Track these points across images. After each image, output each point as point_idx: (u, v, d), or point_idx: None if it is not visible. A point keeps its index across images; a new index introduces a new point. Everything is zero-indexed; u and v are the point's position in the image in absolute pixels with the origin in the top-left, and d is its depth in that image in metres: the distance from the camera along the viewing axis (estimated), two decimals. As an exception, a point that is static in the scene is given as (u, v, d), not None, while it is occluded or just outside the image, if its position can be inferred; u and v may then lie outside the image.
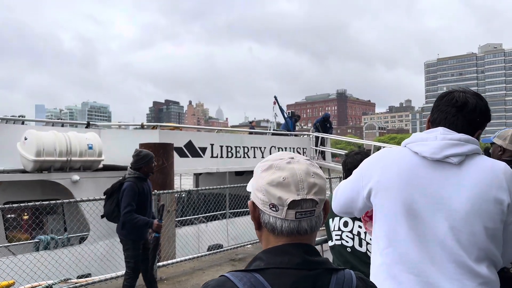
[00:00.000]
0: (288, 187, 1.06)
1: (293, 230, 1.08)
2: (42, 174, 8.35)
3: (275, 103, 18.31)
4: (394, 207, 1.61)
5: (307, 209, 1.07)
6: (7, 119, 9.74)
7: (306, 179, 1.07)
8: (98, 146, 8.93)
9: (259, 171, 1.13)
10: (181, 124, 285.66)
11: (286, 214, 1.06)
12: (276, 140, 14.49)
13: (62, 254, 7.34)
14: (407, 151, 1.69)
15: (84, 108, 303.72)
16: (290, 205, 1.05)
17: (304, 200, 1.06)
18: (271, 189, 1.07)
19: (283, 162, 1.11)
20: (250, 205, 1.14)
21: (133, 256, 5.50)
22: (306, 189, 1.07)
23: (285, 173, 1.08)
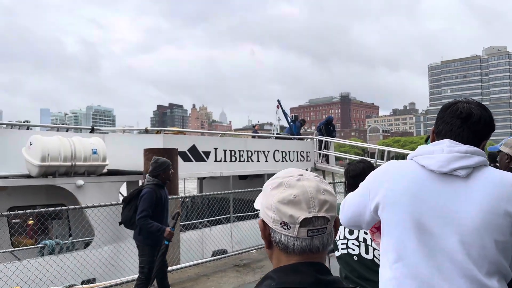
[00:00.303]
0: (299, 204, 1.05)
1: (305, 249, 1.07)
2: (47, 179, 8.39)
3: (278, 107, 18.31)
4: (403, 221, 1.61)
5: (319, 226, 1.06)
6: (12, 124, 9.80)
7: (317, 196, 1.07)
8: (102, 151, 8.96)
9: (268, 189, 1.12)
10: (185, 127, 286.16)
11: (298, 232, 1.05)
12: (279, 144, 14.48)
13: (66, 259, 7.35)
14: (414, 164, 1.69)
15: (88, 112, 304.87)
16: (302, 223, 1.05)
17: (316, 218, 1.05)
18: (282, 207, 1.06)
19: (293, 179, 1.10)
20: (260, 224, 1.13)
21: (148, 262, 5.57)
22: (318, 206, 1.06)
23: (296, 191, 1.07)
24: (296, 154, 14.76)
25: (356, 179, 2.83)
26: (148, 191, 5.45)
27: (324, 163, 15.87)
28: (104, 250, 8.27)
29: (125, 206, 5.72)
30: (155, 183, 5.58)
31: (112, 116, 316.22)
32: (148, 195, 5.41)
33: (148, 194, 5.41)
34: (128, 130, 14.05)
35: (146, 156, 8.84)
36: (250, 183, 13.95)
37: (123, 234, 9.05)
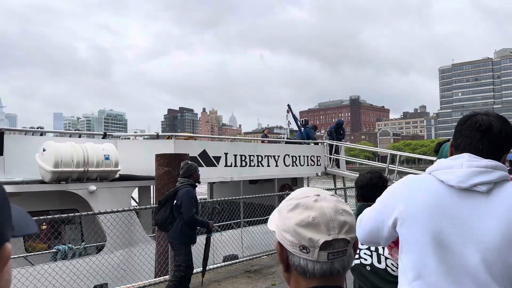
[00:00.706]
0: (318, 227, 1.02)
1: (325, 272, 1.03)
2: (60, 184, 8.48)
3: (288, 111, 18.27)
4: (422, 238, 1.57)
5: (340, 249, 1.03)
6: (26, 130, 9.93)
7: (336, 218, 1.03)
8: (114, 156, 9.04)
9: (284, 211, 1.08)
10: (195, 131, 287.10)
11: (318, 256, 1.02)
12: (290, 149, 14.47)
13: (79, 265, 7.41)
14: (432, 179, 1.64)
15: (100, 116, 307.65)
16: (322, 246, 1.01)
17: (336, 240, 1.02)
18: (300, 230, 1.02)
19: (310, 200, 1.06)
20: (277, 247, 1.09)
21: (185, 260, 5.86)
22: (337, 228, 1.02)
23: (314, 212, 1.03)
24: (306, 159, 14.73)
25: (364, 189, 2.84)
26: (188, 190, 5.83)
27: (334, 167, 15.81)
28: (116, 255, 8.32)
29: (161, 207, 5.95)
30: (189, 183, 5.96)
31: (124, 120, 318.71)
32: (189, 194, 5.79)
33: (189, 193, 5.80)
34: (140, 136, 14.11)
35: (158, 161, 8.90)
36: (261, 187, 13.94)
37: (134, 239, 9.11)
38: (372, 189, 2.77)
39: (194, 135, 15.83)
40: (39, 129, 10.06)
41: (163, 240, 7.96)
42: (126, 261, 8.53)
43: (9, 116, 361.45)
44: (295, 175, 14.65)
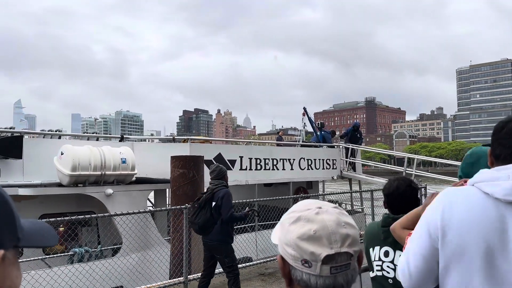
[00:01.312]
0: (320, 240, 0.99)
1: (328, 286, 1.00)
2: (77, 187, 8.59)
3: (304, 114, 18.22)
4: (467, 253, 1.48)
5: (342, 263, 1.00)
6: (45, 133, 10.09)
7: (338, 231, 1.01)
8: (131, 160, 9.12)
9: (286, 224, 1.06)
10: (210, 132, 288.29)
11: (320, 270, 0.99)
12: (305, 152, 14.42)
13: (95, 267, 7.49)
14: (476, 192, 1.55)
15: (117, 117, 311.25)
16: (324, 260, 0.98)
17: (339, 254, 0.99)
18: (302, 243, 1.00)
19: (312, 213, 1.04)
20: (279, 260, 1.07)
21: (234, 259, 6.02)
22: (340, 241, 1.00)
23: (316, 226, 1.01)
24: (322, 162, 14.66)
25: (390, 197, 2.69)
26: (226, 191, 5.93)
27: (350, 171, 15.70)
28: (132, 257, 8.40)
29: (200, 210, 5.97)
30: (224, 184, 6.08)
31: (140, 121, 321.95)
32: (228, 194, 5.90)
33: (228, 193, 5.91)
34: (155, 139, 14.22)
35: (173, 163, 8.96)
36: (275, 190, 13.93)
37: (150, 242, 9.19)
38: (399, 198, 2.64)
39: (209, 138, 15.90)
40: (57, 132, 10.21)
41: (178, 242, 8.00)
42: (142, 263, 8.60)
43: (29, 117, 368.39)
44: (310, 178, 14.60)
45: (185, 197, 8.63)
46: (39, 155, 8.81)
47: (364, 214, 14.95)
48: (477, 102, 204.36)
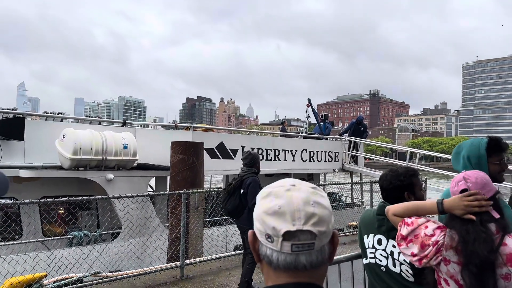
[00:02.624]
0: (283, 216, 0.97)
1: (290, 265, 0.98)
2: (78, 171, 8.58)
3: (308, 105, 18.12)
4: None
5: (305, 241, 0.97)
6: (47, 116, 10.06)
7: (303, 208, 0.98)
8: (133, 145, 9.10)
9: (258, 199, 1.05)
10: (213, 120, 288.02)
11: (281, 246, 0.97)
12: (308, 144, 14.37)
13: (95, 251, 7.52)
14: None
15: (120, 103, 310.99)
16: (284, 236, 0.96)
17: (301, 232, 0.96)
18: (266, 218, 0.99)
19: (282, 189, 1.02)
20: (250, 235, 1.05)
21: None
22: (303, 219, 0.96)
23: (282, 201, 0.99)
24: (324, 154, 14.62)
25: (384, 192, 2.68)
26: (253, 179, 6.12)
27: (352, 164, 15.66)
28: (131, 242, 8.43)
29: (230, 197, 6.25)
30: (254, 171, 6.26)
31: (143, 107, 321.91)
32: (255, 182, 6.07)
33: (255, 181, 6.08)
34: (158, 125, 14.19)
35: (173, 149, 8.95)
36: (276, 180, 13.90)
37: (150, 228, 9.21)
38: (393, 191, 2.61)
39: (212, 126, 15.87)
40: (59, 114, 10.18)
41: (176, 227, 8.02)
42: (141, 248, 8.63)
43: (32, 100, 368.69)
44: (311, 170, 14.58)
45: (184, 182, 8.64)
46: (41, 137, 8.79)
47: (364, 207, 14.95)
48: (482, 98, 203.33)
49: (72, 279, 6.14)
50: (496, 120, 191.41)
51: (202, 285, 6.62)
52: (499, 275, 1.75)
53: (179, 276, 6.91)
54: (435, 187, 14.39)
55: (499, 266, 1.76)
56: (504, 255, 1.77)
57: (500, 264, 1.76)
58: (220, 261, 7.90)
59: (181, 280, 6.79)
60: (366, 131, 17.20)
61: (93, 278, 6.31)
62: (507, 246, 1.79)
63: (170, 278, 6.86)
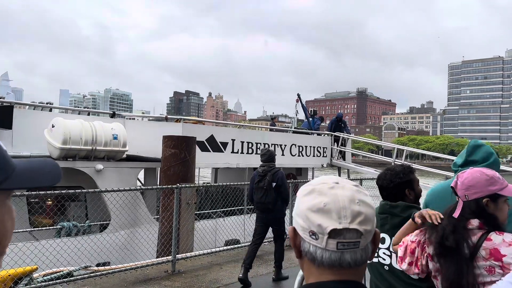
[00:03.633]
0: (329, 214, 0.98)
1: (334, 262, 0.98)
2: (67, 161, 8.50)
3: (298, 100, 18.15)
4: None
5: (351, 240, 0.97)
6: (35, 105, 9.93)
7: (349, 207, 0.98)
8: (123, 136, 9.04)
9: (300, 196, 1.05)
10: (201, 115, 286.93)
11: (326, 244, 0.97)
12: (297, 138, 14.43)
13: (84, 242, 7.46)
14: None
15: (106, 95, 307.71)
16: (330, 234, 0.96)
17: (347, 230, 0.96)
18: (311, 215, 0.99)
19: (326, 186, 1.03)
20: (290, 231, 1.06)
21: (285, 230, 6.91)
22: (350, 217, 0.97)
23: (327, 199, 0.99)
24: (313, 150, 14.69)
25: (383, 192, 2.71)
26: (282, 172, 6.81)
27: (340, 160, 15.78)
28: (120, 234, 8.38)
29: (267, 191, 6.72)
30: (275, 166, 6.88)
31: (129, 100, 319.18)
32: (284, 175, 6.80)
33: (284, 174, 6.82)
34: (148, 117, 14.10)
35: (165, 143, 8.91)
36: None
37: (139, 220, 9.17)
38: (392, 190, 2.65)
39: (202, 119, 15.82)
40: (48, 104, 10.06)
41: (167, 221, 8.00)
42: (130, 240, 8.59)
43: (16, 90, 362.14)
44: (300, 165, 14.64)
45: (175, 177, 8.60)
46: (29, 126, 8.67)
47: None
48: (467, 98, 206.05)
49: (62, 272, 6.09)
50: (481, 120, 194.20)
51: (194, 280, 6.63)
52: (483, 268, 1.85)
53: (170, 271, 6.91)
54: (421, 184, 14.57)
55: (482, 259, 1.86)
56: (488, 249, 1.86)
57: (484, 257, 1.86)
58: (211, 256, 7.92)
59: (172, 275, 6.79)
60: (347, 127, 17.39)
61: (84, 272, 6.27)
62: (491, 241, 1.88)
63: (161, 273, 6.85)
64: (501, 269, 1.82)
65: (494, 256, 1.85)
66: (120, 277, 6.48)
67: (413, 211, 2.50)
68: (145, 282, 6.38)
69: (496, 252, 1.85)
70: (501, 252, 1.84)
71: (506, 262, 1.82)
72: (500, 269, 1.83)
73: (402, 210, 2.54)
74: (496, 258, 1.84)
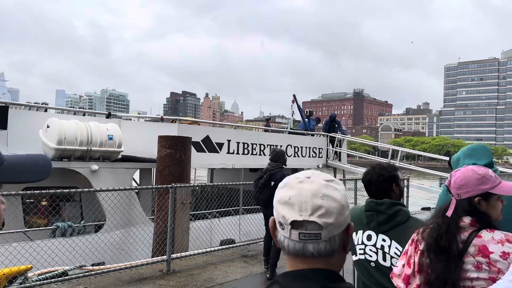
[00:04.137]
0: (292, 206, 1.04)
1: (298, 252, 1.05)
2: (62, 162, 8.50)
3: (293, 101, 18.18)
4: None
5: (312, 231, 1.02)
6: (30, 105, 9.94)
7: (311, 200, 1.04)
8: (118, 137, 9.05)
9: (277, 189, 1.13)
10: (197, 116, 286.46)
11: (290, 234, 1.04)
12: (292, 139, 14.47)
13: (79, 241, 7.48)
14: None
15: (103, 96, 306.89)
16: (293, 225, 1.03)
17: (307, 222, 1.02)
18: (279, 207, 1.07)
19: (296, 181, 1.09)
20: (270, 221, 1.13)
21: None
22: (310, 210, 1.02)
23: (293, 192, 1.06)
24: (308, 150, 14.74)
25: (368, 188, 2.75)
26: (283, 173, 6.95)
27: (336, 160, 15.83)
28: (115, 234, 8.39)
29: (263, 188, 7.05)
30: (281, 166, 7.15)
31: (126, 101, 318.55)
32: (283, 175, 6.63)
33: (283, 174, 6.75)
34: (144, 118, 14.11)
35: (160, 143, 8.92)
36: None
37: (134, 220, 9.18)
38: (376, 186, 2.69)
39: (198, 120, 15.84)
40: (43, 105, 10.06)
41: (162, 221, 8.02)
42: (125, 240, 8.60)
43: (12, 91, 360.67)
44: (296, 166, 14.67)
45: (171, 177, 8.62)
46: (24, 127, 8.67)
47: (348, 203, 15.11)
48: (463, 99, 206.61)
49: (57, 272, 6.10)
50: (476, 121, 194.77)
51: (188, 279, 6.64)
52: (471, 264, 1.87)
53: (165, 270, 6.92)
54: (416, 185, 14.67)
55: (471, 255, 1.88)
56: (477, 245, 1.89)
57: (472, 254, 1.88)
58: (206, 256, 7.94)
59: (167, 274, 6.80)
60: (341, 127, 17.45)
61: (78, 271, 6.28)
62: (481, 238, 1.90)
63: (156, 272, 6.86)
64: (488, 266, 1.85)
65: (482, 253, 1.87)
66: (115, 276, 6.50)
67: (398, 208, 2.56)
68: (140, 281, 6.40)
69: (484, 249, 1.88)
70: (489, 249, 1.87)
71: (493, 259, 1.84)
72: (487, 266, 1.85)
73: (388, 207, 2.57)
74: (484, 255, 1.86)
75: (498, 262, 1.84)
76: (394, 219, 2.54)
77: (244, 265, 7.61)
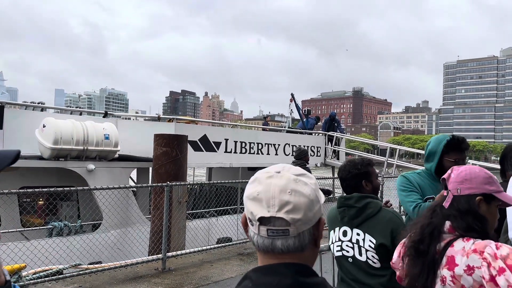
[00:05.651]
0: (260, 202, 1.02)
1: (267, 248, 1.03)
2: (59, 161, 8.48)
3: (291, 100, 18.18)
4: None
5: (279, 227, 1.01)
6: (27, 105, 9.92)
7: (278, 196, 1.01)
8: (114, 136, 9.03)
9: (248, 184, 1.11)
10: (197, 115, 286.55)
11: (259, 230, 1.03)
12: (290, 138, 14.46)
13: (74, 241, 7.46)
14: None
15: (102, 95, 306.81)
16: (260, 221, 1.01)
17: (275, 218, 1.00)
18: (247, 202, 1.05)
19: (265, 176, 1.06)
20: (242, 217, 1.10)
21: None
22: (277, 206, 1.00)
23: (261, 188, 1.04)
24: (306, 149, 14.72)
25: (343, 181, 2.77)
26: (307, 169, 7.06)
27: (334, 159, 15.83)
28: (112, 233, 8.37)
29: None
30: (303, 163, 7.51)
31: (125, 100, 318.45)
32: None
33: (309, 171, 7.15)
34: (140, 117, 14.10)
35: (156, 141, 8.90)
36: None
37: (131, 219, 9.17)
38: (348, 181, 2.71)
39: (195, 119, 15.82)
40: (40, 104, 10.04)
41: (158, 220, 8.00)
42: (122, 240, 8.58)
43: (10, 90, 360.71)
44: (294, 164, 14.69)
45: (167, 175, 8.59)
46: (20, 126, 8.65)
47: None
48: (462, 97, 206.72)
49: (51, 270, 6.08)
50: (475, 119, 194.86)
51: (184, 277, 6.62)
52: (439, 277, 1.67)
53: (161, 269, 6.90)
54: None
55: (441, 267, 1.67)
56: (447, 256, 1.66)
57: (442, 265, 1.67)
58: (202, 254, 7.91)
59: (162, 273, 6.77)
60: (340, 126, 17.46)
61: (73, 270, 6.26)
62: (452, 248, 1.67)
63: (151, 271, 6.84)
64: (452, 281, 1.62)
65: (448, 265, 1.64)
66: (110, 275, 6.47)
67: (368, 201, 2.56)
68: (135, 279, 6.38)
69: (451, 260, 1.64)
70: (455, 261, 1.63)
71: (457, 273, 1.60)
72: (451, 281, 1.62)
73: (357, 201, 2.57)
74: (450, 268, 1.63)
75: (462, 277, 1.59)
76: (364, 212, 2.54)
77: (240, 263, 7.59)
